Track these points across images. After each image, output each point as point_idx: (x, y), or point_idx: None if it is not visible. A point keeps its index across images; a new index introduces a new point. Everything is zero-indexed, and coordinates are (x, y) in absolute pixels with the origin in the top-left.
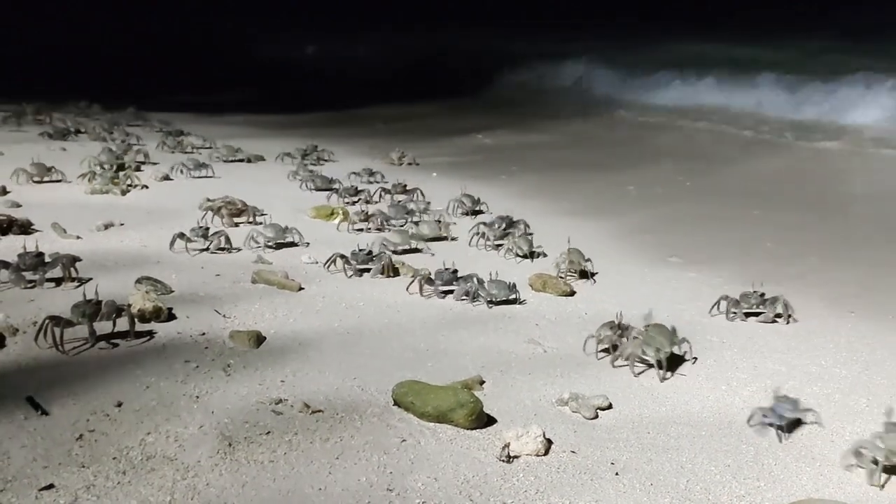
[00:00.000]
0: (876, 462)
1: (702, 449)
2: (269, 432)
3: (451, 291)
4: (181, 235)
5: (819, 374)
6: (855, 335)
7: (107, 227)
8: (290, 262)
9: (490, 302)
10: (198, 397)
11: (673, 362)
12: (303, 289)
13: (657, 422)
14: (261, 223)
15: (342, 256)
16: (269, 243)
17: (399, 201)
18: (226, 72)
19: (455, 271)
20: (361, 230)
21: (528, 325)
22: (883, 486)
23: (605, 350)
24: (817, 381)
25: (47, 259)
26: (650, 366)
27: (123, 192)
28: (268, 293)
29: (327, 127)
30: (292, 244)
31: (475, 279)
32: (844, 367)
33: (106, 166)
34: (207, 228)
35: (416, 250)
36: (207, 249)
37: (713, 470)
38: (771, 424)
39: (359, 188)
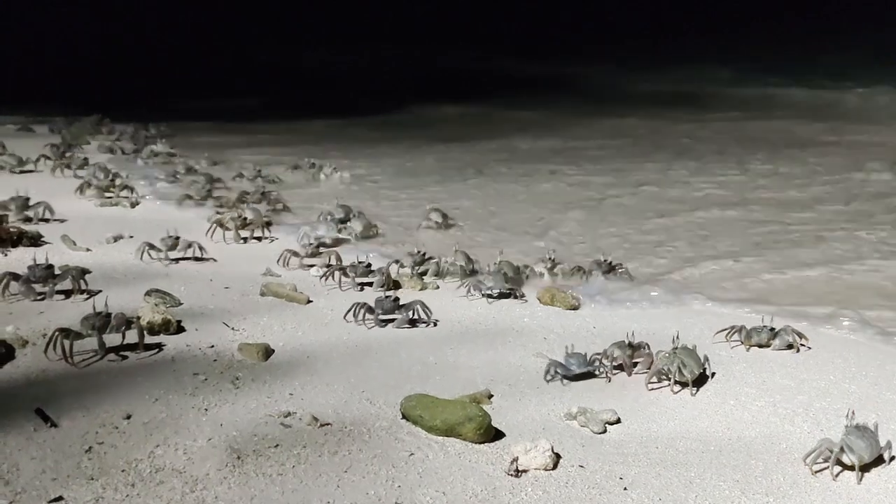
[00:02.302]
0: (840, 462)
1: (710, 464)
2: (277, 445)
3: (392, 320)
4: (151, 246)
5: (827, 389)
6: (864, 349)
7: (116, 239)
8: (299, 274)
9: (489, 296)
10: (206, 410)
11: (699, 381)
12: (311, 301)
13: (666, 437)
14: (267, 238)
15: (341, 269)
16: (321, 239)
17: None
18: (225, 78)
19: (397, 299)
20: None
21: (536, 339)
22: (836, 477)
23: (618, 367)
24: (826, 396)
25: (57, 271)
26: (680, 384)
27: (133, 205)
28: (276, 306)
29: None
30: (345, 241)
31: (418, 306)
32: (853, 382)
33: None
34: (178, 238)
35: None
36: (177, 261)
37: (722, 485)
38: (563, 376)
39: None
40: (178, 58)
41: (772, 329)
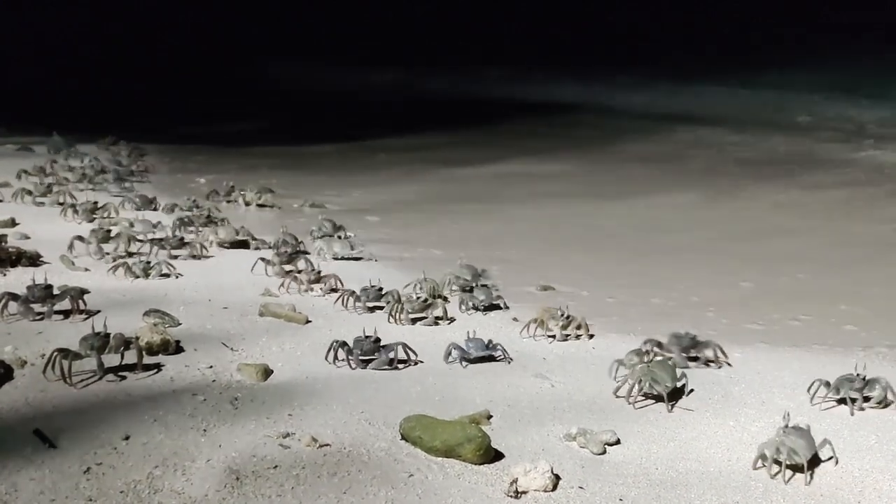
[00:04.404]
0: (779, 462)
1: (710, 485)
2: (276, 466)
3: (371, 360)
4: (126, 266)
5: (828, 410)
6: (864, 370)
7: (115, 259)
8: (298, 294)
9: (477, 308)
10: (205, 430)
11: (675, 395)
12: (310, 322)
13: (665, 457)
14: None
15: (352, 293)
16: (337, 257)
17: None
18: (232, 100)
19: (378, 339)
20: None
21: (535, 360)
22: (787, 482)
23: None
24: (826, 417)
25: (56, 291)
26: (654, 398)
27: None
28: (275, 326)
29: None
30: (357, 258)
31: (399, 346)
32: None
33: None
34: (149, 262)
35: None
36: (148, 276)
37: None
38: (463, 359)
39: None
40: (178, 62)
41: (864, 378)
